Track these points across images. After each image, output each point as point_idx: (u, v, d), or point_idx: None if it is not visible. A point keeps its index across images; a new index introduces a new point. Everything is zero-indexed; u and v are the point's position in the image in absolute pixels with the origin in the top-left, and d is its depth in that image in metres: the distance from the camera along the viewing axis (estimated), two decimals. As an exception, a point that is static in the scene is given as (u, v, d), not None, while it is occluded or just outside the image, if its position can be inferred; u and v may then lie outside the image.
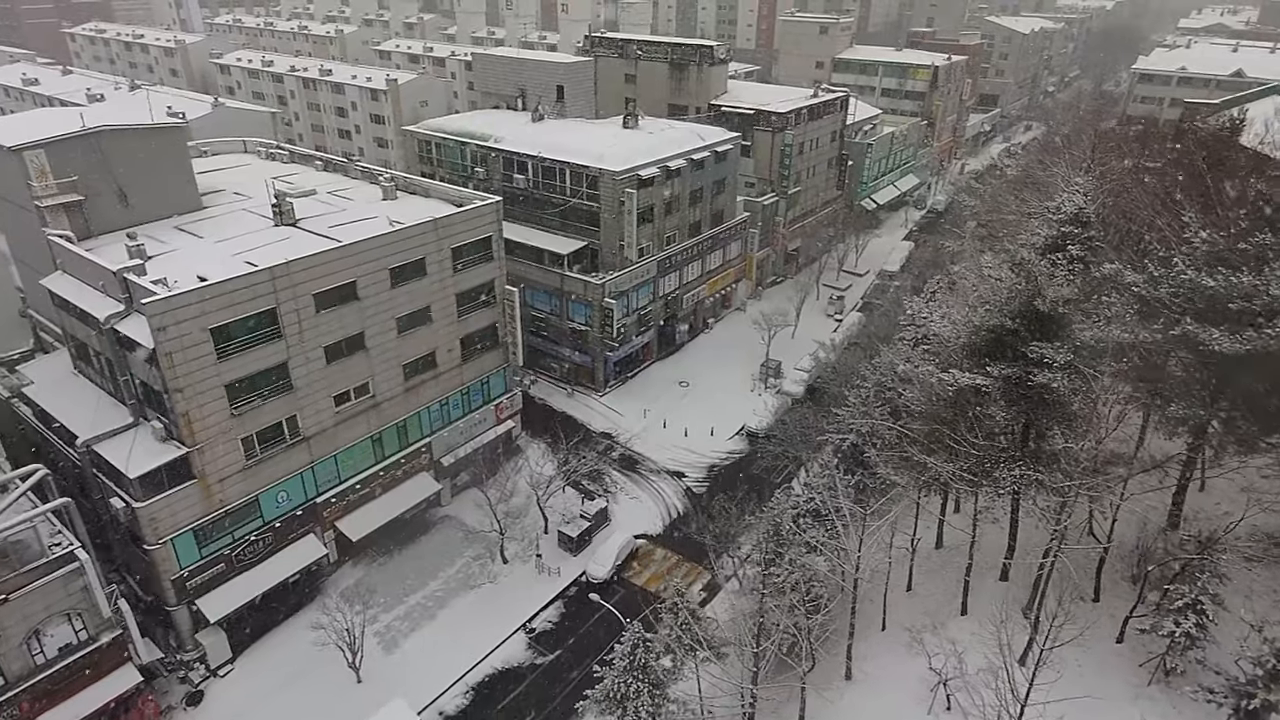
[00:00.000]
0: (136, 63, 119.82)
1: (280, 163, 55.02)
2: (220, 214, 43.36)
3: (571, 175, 55.43)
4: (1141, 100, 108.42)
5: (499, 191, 59.28)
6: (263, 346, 34.83)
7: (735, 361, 63.85)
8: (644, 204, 55.74)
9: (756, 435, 54.70)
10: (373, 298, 38.83)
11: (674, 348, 65.38)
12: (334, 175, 51.84)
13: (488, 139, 59.68)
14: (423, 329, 42.17)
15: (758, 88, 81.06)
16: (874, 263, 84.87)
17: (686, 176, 59.20)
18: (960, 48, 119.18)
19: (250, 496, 36.28)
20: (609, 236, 55.30)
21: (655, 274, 59.48)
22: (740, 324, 69.93)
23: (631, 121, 61.45)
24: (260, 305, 34.18)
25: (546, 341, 59.95)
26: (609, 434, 55.17)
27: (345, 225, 41.47)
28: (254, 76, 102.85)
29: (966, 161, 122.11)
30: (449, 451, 46.26)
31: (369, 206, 45.17)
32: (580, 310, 56.67)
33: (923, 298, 49.54)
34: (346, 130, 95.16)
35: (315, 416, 38.00)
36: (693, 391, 60.17)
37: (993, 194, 68.60)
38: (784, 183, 73.33)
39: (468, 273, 43.75)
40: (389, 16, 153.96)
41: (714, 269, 67.00)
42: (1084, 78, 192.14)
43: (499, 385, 48.84)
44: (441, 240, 41.43)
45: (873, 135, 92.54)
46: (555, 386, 60.26)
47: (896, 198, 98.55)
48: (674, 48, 75.25)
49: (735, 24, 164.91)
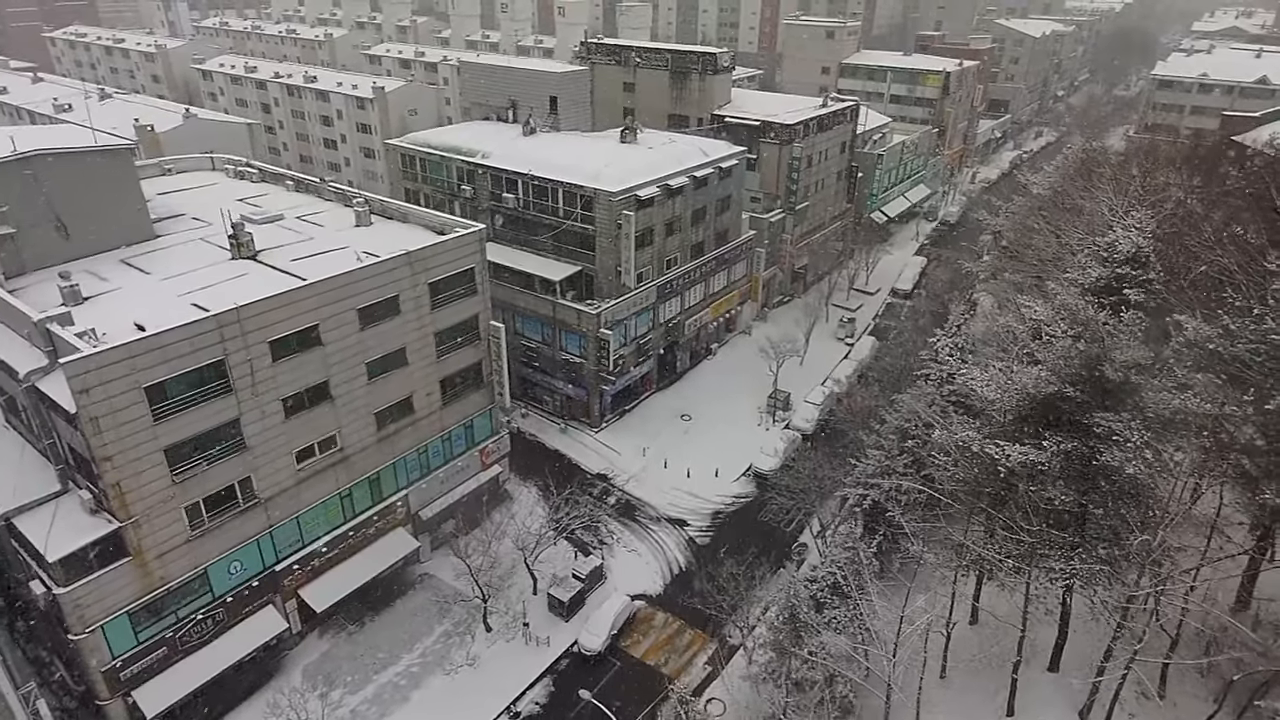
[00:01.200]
0: (117, 68, 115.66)
1: (250, 182, 50.85)
2: (174, 244, 39.21)
3: (564, 195, 51.26)
4: (1161, 108, 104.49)
5: (487, 211, 55.31)
6: (209, 403, 30.65)
7: (741, 391, 59.67)
8: (643, 226, 51.60)
9: (765, 477, 50.54)
10: (338, 342, 34.64)
11: (675, 376, 61.21)
12: (305, 197, 47.70)
13: (475, 155, 55.51)
14: (397, 373, 38.00)
15: (763, 97, 76.98)
16: (885, 280, 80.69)
17: (689, 195, 55.04)
18: (971, 52, 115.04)
19: (197, 570, 32.10)
20: (605, 261, 51.14)
21: (655, 300, 55.31)
22: (745, 348, 65.74)
23: (630, 135, 57.29)
24: (205, 357, 30.00)
25: (538, 372, 55.78)
26: (605, 475, 50.98)
27: (310, 259, 37.38)
28: (236, 83, 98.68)
29: (978, 170, 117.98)
30: (429, 503, 42.09)
31: (339, 234, 41.05)
32: (574, 340, 52.50)
33: (947, 332, 45.32)
34: (332, 140, 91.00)
35: (273, 476, 33.82)
36: (695, 426, 55.98)
37: (1016, 213, 64.27)
38: (791, 198, 69.16)
39: (448, 309, 39.56)
40: (381, 19, 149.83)
41: (718, 291, 62.82)
42: (1093, 81, 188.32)
43: (484, 428, 44.66)
44: (417, 275, 37.24)
45: (883, 145, 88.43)
46: (547, 421, 56.08)
47: (907, 209, 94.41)
48: (675, 55, 71.11)
49: (737, 26, 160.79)
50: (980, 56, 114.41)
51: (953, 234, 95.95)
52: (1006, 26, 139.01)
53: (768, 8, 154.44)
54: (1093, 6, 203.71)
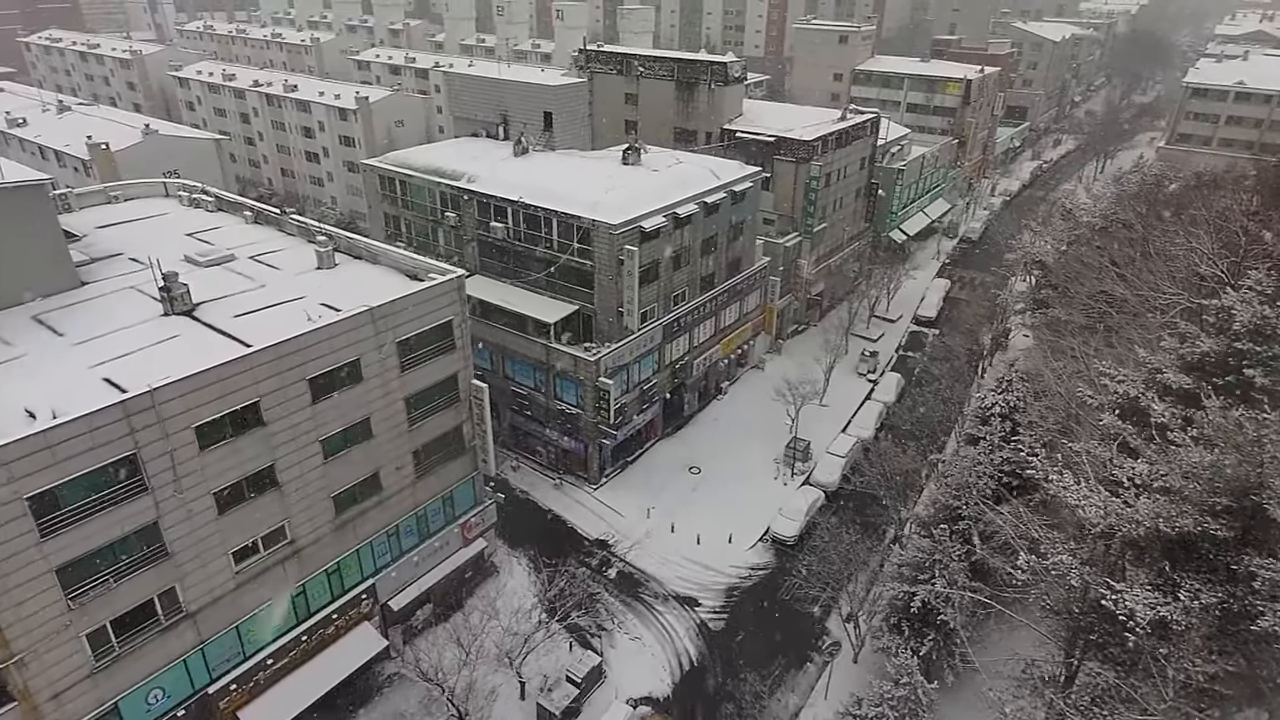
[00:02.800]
0: (92, 75, 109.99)
1: (205, 211, 45.17)
2: (101, 294, 33.44)
3: (559, 226, 45.53)
4: (1194, 117, 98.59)
5: (474, 241, 49.58)
6: (118, 508, 24.94)
7: (754, 438, 53.91)
8: (647, 260, 45.87)
9: (785, 544, 44.87)
10: (286, 419, 28.91)
11: (682, 421, 55.46)
12: (265, 231, 42.02)
13: (459, 178, 49.76)
14: (360, 447, 32.28)
15: (776, 109, 71.24)
16: (907, 305, 74.88)
17: (698, 224, 49.30)
18: (990, 57, 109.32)
19: (105, 706, 26.37)
20: (605, 300, 45.40)
21: (660, 340, 49.57)
22: (758, 386, 60.00)
23: (632, 156, 51.53)
24: (111, 453, 24.27)
25: (530, 421, 50.02)
26: (604, 542, 45.23)
27: (257, 313, 31.70)
28: (214, 91, 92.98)
29: (997, 181, 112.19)
30: (400, 591, 36.38)
31: (297, 280, 35.35)
32: (570, 388, 46.76)
33: (999, 389, 39.53)
34: (314, 153, 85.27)
35: (204, 584, 28.09)
36: (705, 480, 50.20)
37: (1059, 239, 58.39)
38: (809, 220, 63.40)
39: (421, 369, 33.85)
40: (373, 22, 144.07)
41: (729, 325, 57.07)
42: (1108, 86, 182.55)
43: (466, 498, 38.93)
44: (383, 334, 31.52)
45: (902, 158, 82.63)
46: (541, 475, 50.32)
47: (926, 227, 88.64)
48: (682, 64, 65.35)
49: (743, 30, 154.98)
50: (1001, 62, 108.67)
51: (976, 252, 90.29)
52: (1024, 30, 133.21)
53: (775, 10, 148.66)
54: (1107, 8, 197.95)
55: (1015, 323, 60.69)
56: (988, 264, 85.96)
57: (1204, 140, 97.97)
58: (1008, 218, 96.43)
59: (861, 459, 48.78)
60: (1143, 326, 34.55)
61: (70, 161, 60.70)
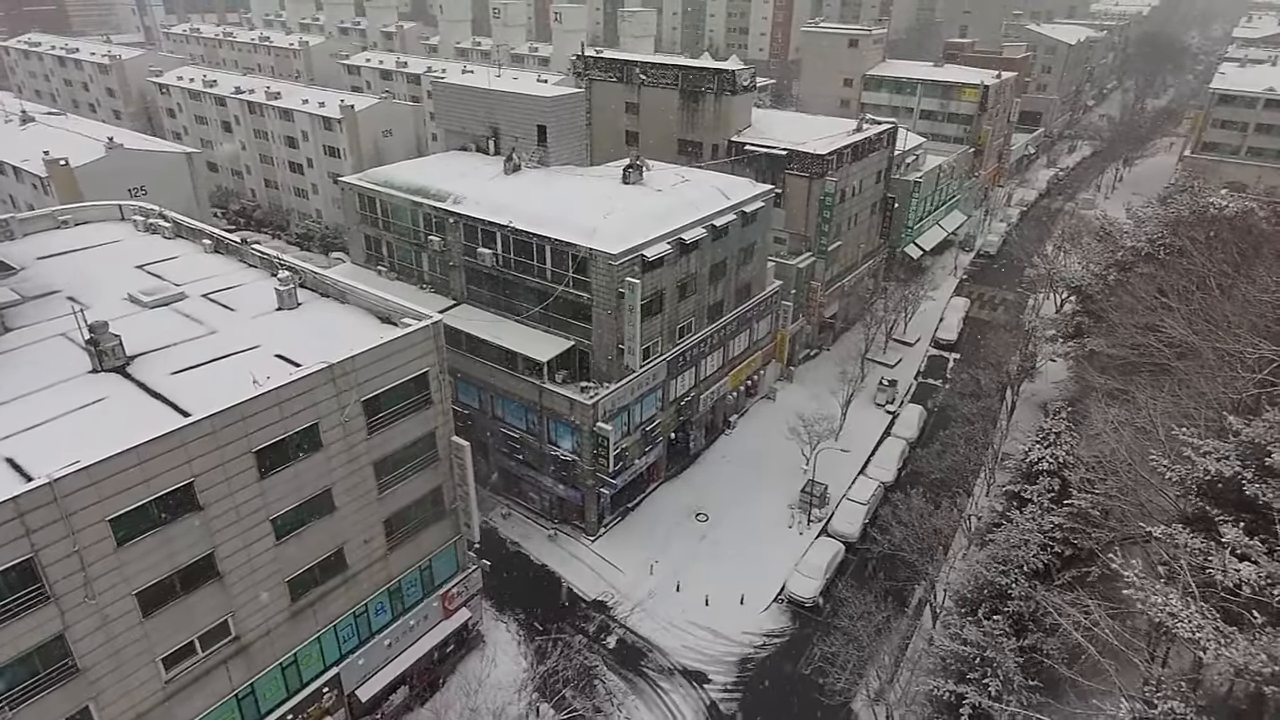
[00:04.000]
0: (71, 80, 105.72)
1: (162, 238, 40.93)
2: (24, 344, 29.15)
3: (553, 254, 41.20)
4: (1222, 125, 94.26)
5: (460, 268, 45.27)
6: (13, 622, 20.62)
7: (766, 479, 49.62)
8: (650, 292, 41.56)
9: (803, 606, 40.54)
10: (227, 500, 24.60)
11: (687, 460, 51.13)
12: (224, 262, 37.73)
13: (444, 199, 45.44)
14: (320, 523, 27.97)
15: (787, 119, 66.94)
16: (924, 326, 70.56)
17: (706, 249, 44.98)
18: (1006, 61, 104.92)
19: None
20: (603, 336, 41.07)
21: (665, 377, 45.26)
22: (769, 418, 55.74)
23: (633, 174, 47.19)
24: (3, 558, 19.98)
25: (522, 465, 45.69)
26: (603, 603, 40.90)
27: (201, 368, 27.43)
28: (195, 98, 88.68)
29: (1013, 190, 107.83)
30: (370, 677, 32.06)
31: (253, 324, 31.09)
32: (565, 433, 42.42)
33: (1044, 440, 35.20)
34: (298, 164, 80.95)
35: (125, 699, 23.76)
36: (713, 529, 45.86)
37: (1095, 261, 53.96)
38: (823, 239, 59.09)
39: (393, 429, 29.57)
40: (365, 25, 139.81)
41: (738, 355, 52.77)
42: (1120, 89, 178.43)
43: (447, 565, 34.63)
44: (346, 393, 27.20)
45: (918, 169, 78.23)
46: (533, 524, 45.98)
47: (942, 240, 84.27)
48: (687, 72, 61.02)
49: (747, 33, 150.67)
50: (1017, 66, 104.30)
51: (994, 267, 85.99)
52: (1038, 33, 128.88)
53: (780, 13, 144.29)
54: (1118, 10, 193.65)
55: (1045, 350, 56.24)
56: (1007, 280, 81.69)
57: (1232, 149, 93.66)
58: (1026, 230, 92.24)
59: (883, 504, 44.55)
60: (1219, 381, 30.22)
61: (29, 178, 56.40)
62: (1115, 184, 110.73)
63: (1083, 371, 49.11)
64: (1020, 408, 55.40)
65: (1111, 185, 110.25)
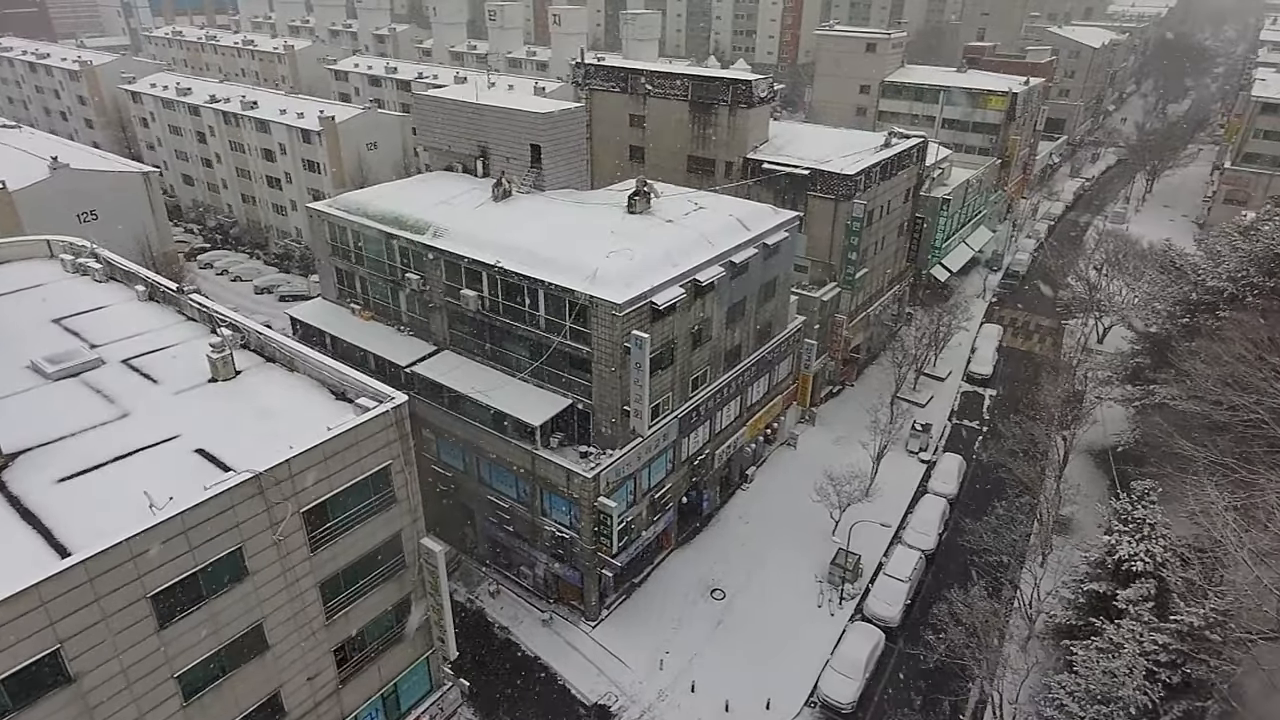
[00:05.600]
0: (42, 87, 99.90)
1: (91, 279, 35.16)
2: (-118, 435, 23.33)
3: (548, 300, 35.32)
4: (1264, 135, 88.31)
5: (441, 310, 39.44)
6: None
7: (789, 544, 43.83)
8: (661, 342, 35.72)
9: (840, 712, 34.66)
10: (111, 663, 18.77)
11: (700, 522, 45.29)
12: (158, 313, 31.97)
13: (424, 230, 39.58)
14: (248, 667, 22.13)
15: (807, 132, 61.02)
16: (955, 357, 64.69)
17: (723, 289, 39.12)
18: (1030, 66, 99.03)
19: None
20: (606, 396, 35.20)
21: (676, 435, 39.39)
22: (790, 469, 50.02)
23: (640, 202, 41.30)
24: None
25: (513, 537, 39.81)
26: (606, 707, 35.02)
27: (96, 472, 21.63)
28: (168, 107, 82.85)
29: (1038, 203, 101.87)
30: (321, 834, 26.18)
31: (175, 402, 25.35)
32: (561, 507, 36.56)
33: (1135, 532, 29.33)
34: (276, 179, 75.12)
35: None
36: (732, 609, 39.97)
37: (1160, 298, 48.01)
38: (849, 267, 53.21)
39: (347, 539, 23.77)
40: (356, 27, 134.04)
41: (757, 402, 46.93)
42: (1137, 94, 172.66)
43: (418, 687, 28.80)
44: (280, 505, 21.36)
45: (944, 183, 72.37)
46: (525, 604, 40.10)
47: (969, 259, 78.43)
48: (697, 82, 55.12)
49: (754, 35, 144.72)
50: (1043, 71, 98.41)
51: (1024, 289, 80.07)
52: (1061, 35, 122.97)
53: (789, 15, 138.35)
54: (1135, 11, 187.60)
55: (1099, 391, 50.26)
56: (1041, 304, 75.89)
57: (1275, 161, 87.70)
58: (1056, 246, 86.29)
59: (925, 576, 38.81)
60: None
61: (-35, 201, 50.56)
62: (1145, 196, 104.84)
63: (1150, 424, 43.19)
64: (1073, 459, 49.48)
65: (1141, 198, 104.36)
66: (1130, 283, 59.86)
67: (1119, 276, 62.24)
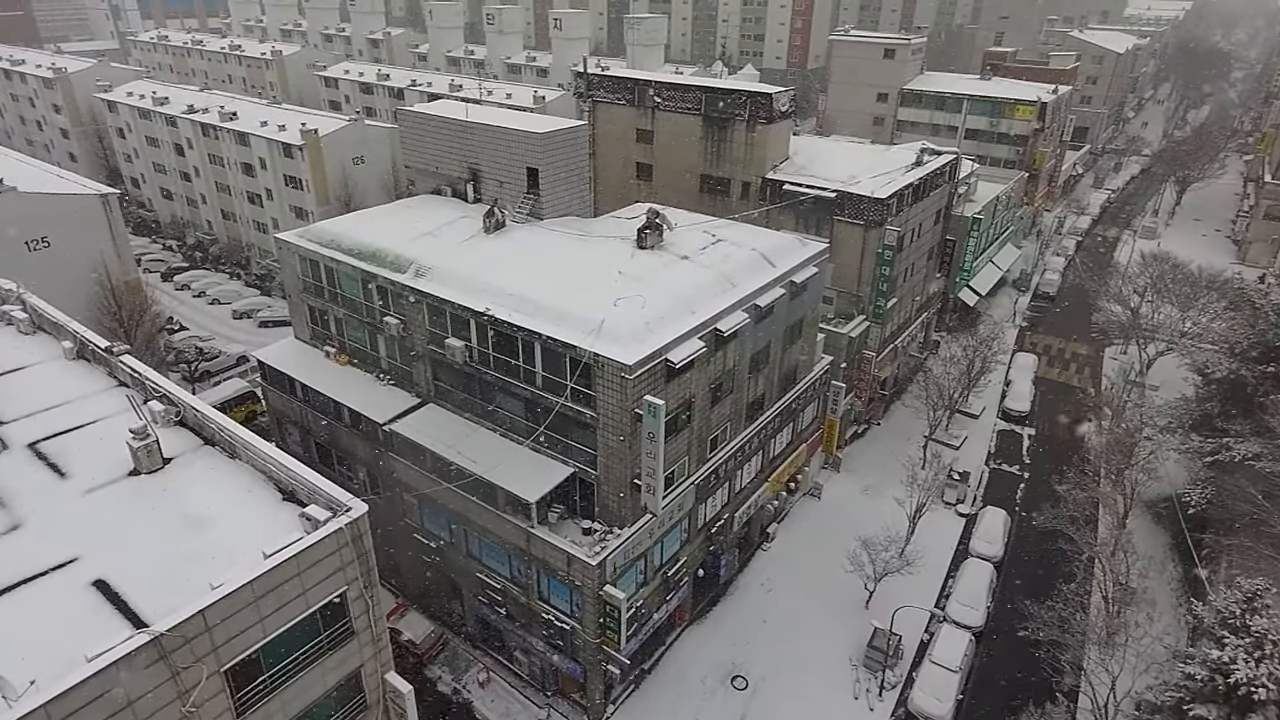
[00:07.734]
0: (17, 95, 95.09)
1: (18, 331, 30.30)
2: None
3: (545, 355, 30.36)
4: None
5: (424, 358, 34.50)
6: None
7: (818, 615, 38.91)
8: (677, 403, 30.76)
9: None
10: None
11: (718, 592, 40.27)
12: (85, 376, 27.07)
13: (405, 268, 34.66)
14: None
15: (829, 148, 55.95)
16: (988, 392, 59.58)
17: (747, 337, 34.16)
18: (1055, 73, 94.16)
19: None
20: (613, 468, 30.21)
21: (692, 504, 34.43)
22: (815, 524, 45.14)
23: (651, 235, 36.33)
24: None
25: (506, 619, 34.81)
26: (613, 831, 30.07)
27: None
28: (145, 117, 78.02)
29: (1064, 217, 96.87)
30: None
31: (85, 504, 20.42)
32: (561, 593, 31.58)
33: (1217, 631, 24.34)
34: (256, 194, 70.25)
35: None
36: (756, 701, 34.94)
37: (1235, 328, 43.04)
38: (880, 299, 48.29)
39: (288, 691, 18.81)
40: (350, 31, 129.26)
41: (780, 454, 41.98)
42: (1154, 100, 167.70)
43: (387, 838, 23.73)
44: (194, 668, 16.38)
45: (972, 199, 67.35)
46: (518, 696, 35.11)
47: (998, 280, 73.47)
48: (713, 94, 50.19)
49: (763, 39, 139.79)
50: (1069, 78, 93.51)
51: (1056, 311, 75.05)
52: (1083, 40, 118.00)
53: (798, 18, 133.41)
54: (1152, 14, 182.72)
55: (1158, 439, 45.20)
56: (1075, 328, 70.82)
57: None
58: (1087, 264, 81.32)
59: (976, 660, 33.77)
60: None
61: (-98, 228, 45.67)
62: (1174, 209, 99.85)
63: (1228, 483, 38.13)
64: (1132, 515, 44.45)
65: (1171, 211, 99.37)
66: (1182, 311, 54.92)
67: (1166, 303, 57.32)
